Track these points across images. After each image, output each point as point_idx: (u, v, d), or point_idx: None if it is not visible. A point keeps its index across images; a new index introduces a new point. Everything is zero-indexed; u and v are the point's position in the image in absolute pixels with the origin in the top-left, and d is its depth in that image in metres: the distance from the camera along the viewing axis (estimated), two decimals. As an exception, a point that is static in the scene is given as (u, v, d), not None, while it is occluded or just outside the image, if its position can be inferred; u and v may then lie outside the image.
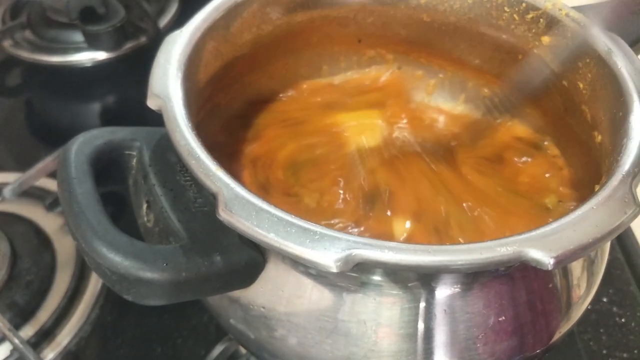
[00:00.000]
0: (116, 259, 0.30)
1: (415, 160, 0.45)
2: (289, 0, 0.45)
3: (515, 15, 0.44)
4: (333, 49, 0.51)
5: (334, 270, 0.27)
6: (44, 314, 0.52)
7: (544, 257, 0.27)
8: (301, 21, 0.47)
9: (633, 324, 0.53)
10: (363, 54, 0.51)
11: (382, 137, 0.47)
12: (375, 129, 0.48)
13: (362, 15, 0.48)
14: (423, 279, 0.31)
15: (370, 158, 0.45)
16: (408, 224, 0.40)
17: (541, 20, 0.43)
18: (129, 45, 0.78)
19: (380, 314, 0.32)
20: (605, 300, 0.54)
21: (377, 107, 0.50)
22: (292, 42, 0.48)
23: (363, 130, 0.47)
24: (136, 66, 0.76)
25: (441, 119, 0.50)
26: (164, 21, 0.83)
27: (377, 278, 0.31)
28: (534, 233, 0.28)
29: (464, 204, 0.41)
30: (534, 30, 0.44)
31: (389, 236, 0.40)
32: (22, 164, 0.61)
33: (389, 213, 0.41)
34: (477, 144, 0.47)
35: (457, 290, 0.31)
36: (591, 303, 0.38)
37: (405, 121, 0.49)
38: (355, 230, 0.40)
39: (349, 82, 0.52)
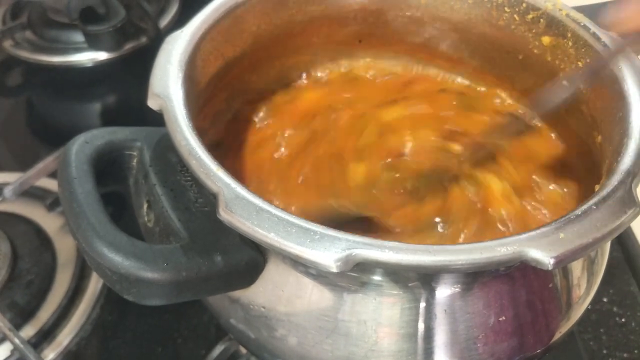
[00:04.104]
0: (117, 259, 0.30)
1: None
2: (289, 0, 0.46)
3: (515, 16, 0.44)
4: (334, 49, 0.51)
5: (334, 270, 0.27)
6: (45, 314, 0.52)
7: (544, 257, 0.27)
8: (301, 21, 0.47)
9: (633, 324, 0.53)
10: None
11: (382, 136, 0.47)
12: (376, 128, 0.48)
13: (363, 15, 0.48)
14: (423, 279, 0.31)
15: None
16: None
17: (541, 20, 0.43)
18: (129, 46, 0.78)
19: (380, 313, 0.32)
20: (605, 300, 0.54)
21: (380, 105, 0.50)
22: (292, 42, 0.48)
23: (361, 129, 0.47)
24: (137, 66, 0.76)
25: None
26: (164, 21, 0.83)
27: (377, 278, 0.31)
28: (534, 233, 0.28)
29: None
30: (534, 31, 0.44)
31: None
32: (22, 163, 0.61)
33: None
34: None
35: (458, 290, 0.31)
36: (591, 303, 0.38)
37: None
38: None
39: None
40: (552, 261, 0.27)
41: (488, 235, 0.40)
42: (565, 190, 0.43)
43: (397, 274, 0.31)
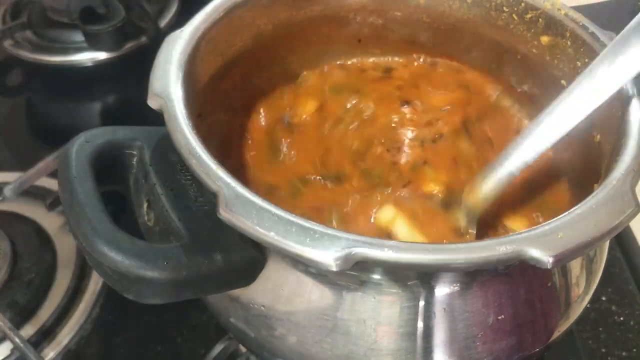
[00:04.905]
0: (117, 258, 0.30)
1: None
2: (289, 0, 0.46)
3: (514, 15, 0.44)
4: (333, 48, 0.51)
5: (334, 268, 0.27)
6: (45, 313, 0.52)
7: (543, 256, 0.27)
8: (301, 21, 0.47)
9: (632, 323, 0.53)
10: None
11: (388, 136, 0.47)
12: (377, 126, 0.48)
13: (362, 15, 0.49)
14: (422, 278, 0.31)
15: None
16: None
17: (540, 20, 0.43)
18: (129, 45, 0.78)
19: (379, 312, 0.32)
20: (604, 299, 0.54)
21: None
22: (292, 42, 0.48)
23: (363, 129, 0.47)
24: (137, 66, 0.75)
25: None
26: (164, 21, 0.83)
27: (376, 277, 0.31)
28: (533, 232, 0.28)
29: None
30: (532, 30, 0.44)
31: None
32: (23, 163, 0.62)
33: None
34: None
35: (456, 289, 0.32)
36: (590, 302, 0.38)
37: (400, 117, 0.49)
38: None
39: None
40: (551, 260, 0.27)
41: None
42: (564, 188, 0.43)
43: (396, 273, 0.31)
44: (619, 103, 0.36)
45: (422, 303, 0.31)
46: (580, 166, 0.42)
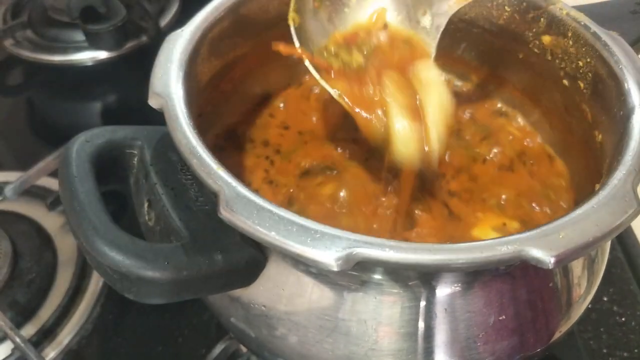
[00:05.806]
0: (117, 258, 0.30)
1: None
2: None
3: (516, 15, 0.44)
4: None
5: (335, 268, 0.27)
6: (45, 313, 0.52)
7: (545, 256, 0.27)
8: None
9: (633, 323, 0.53)
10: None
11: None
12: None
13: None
14: (423, 278, 0.31)
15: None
16: None
17: (542, 19, 0.43)
18: (129, 45, 0.78)
19: (380, 312, 0.32)
20: (605, 299, 0.54)
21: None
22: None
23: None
24: (137, 65, 0.76)
25: None
26: (164, 20, 0.83)
27: (377, 277, 0.31)
28: (534, 232, 0.28)
29: None
30: (534, 30, 0.44)
31: None
32: (23, 163, 0.61)
33: None
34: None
35: (458, 289, 0.31)
36: (591, 302, 0.38)
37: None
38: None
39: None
40: (552, 260, 0.27)
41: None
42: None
43: (398, 273, 0.31)
44: (621, 102, 0.36)
45: (423, 303, 0.31)
46: (581, 166, 0.42)
